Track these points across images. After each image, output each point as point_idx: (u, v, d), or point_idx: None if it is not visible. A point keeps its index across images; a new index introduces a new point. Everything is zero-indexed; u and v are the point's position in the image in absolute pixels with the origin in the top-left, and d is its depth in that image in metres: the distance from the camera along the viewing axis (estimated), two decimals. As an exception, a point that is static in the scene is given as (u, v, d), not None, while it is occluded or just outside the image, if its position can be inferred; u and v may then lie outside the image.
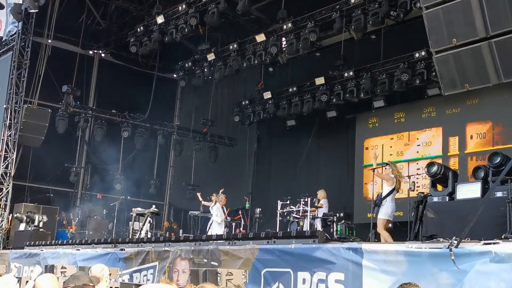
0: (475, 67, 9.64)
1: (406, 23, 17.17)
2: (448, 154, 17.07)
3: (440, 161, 16.41)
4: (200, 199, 17.96)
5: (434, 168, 10.94)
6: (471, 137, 16.63)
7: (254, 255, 9.91)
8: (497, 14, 9.13)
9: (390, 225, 14.46)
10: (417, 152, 17.90)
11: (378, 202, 12.46)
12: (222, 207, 16.75)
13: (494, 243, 7.15)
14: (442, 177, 10.85)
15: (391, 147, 18.59)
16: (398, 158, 18.13)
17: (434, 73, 15.99)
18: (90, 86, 24.26)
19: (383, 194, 12.43)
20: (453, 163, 16.44)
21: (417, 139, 17.99)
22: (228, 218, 16.97)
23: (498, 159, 9.92)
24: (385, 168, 12.78)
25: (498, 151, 10.51)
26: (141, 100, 23.00)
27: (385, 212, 12.27)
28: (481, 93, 15.41)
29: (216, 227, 16.48)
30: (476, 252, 7.12)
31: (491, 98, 15.82)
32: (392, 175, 12.49)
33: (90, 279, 6.01)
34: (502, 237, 7.87)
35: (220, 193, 16.84)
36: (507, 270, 6.79)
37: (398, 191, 12.78)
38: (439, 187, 11.09)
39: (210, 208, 17.19)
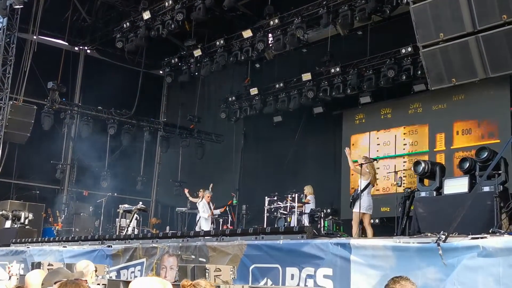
0: (462, 62, 9.68)
1: (393, 19, 17.21)
2: (435, 150, 17.12)
3: (426, 157, 16.51)
4: (188, 195, 18.00)
5: (421, 167, 10.94)
6: (458, 133, 16.69)
7: (242, 251, 9.90)
8: (485, 8, 9.16)
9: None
10: (404, 148, 17.94)
11: (355, 197, 12.54)
12: (208, 203, 16.79)
13: (481, 238, 7.18)
14: (430, 174, 10.88)
15: (378, 144, 18.64)
16: (385, 154, 18.19)
17: (420, 71, 16.06)
18: (76, 83, 24.12)
19: (360, 189, 12.52)
20: (440, 159, 16.49)
21: (404, 134, 18.04)
22: (217, 211, 17.01)
23: (485, 154, 9.97)
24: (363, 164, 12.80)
25: (485, 146, 10.55)
26: (127, 96, 22.92)
27: (361, 205, 12.34)
28: (467, 89, 15.49)
29: (203, 222, 16.53)
30: (464, 247, 7.14)
31: (478, 94, 15.91)
32: (367, 170, 12.56)
33: (71, 274, 5.95)
34: (490, 231, 7.90)
35: (209, 188, 16.93)
36: (494, 264, 6.82)
37: (373, 186, 12.89)
38: (426, 182, 11.13)
39: (197, 204, 17.20)
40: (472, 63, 9.47)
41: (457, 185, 10.12)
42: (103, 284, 8.44)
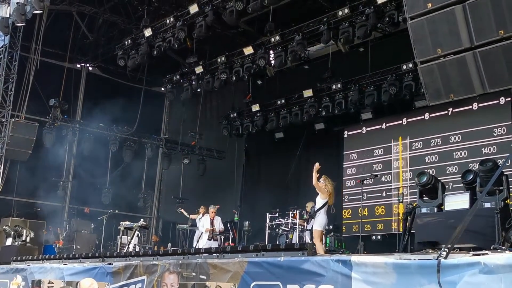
0: (459, 77, 9.68)
1: (394, 35, 17.26)
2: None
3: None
4: (185, 213, 17.98)
5: (425, 178, 10.88)
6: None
7: (243, 268, 9.84)
8: (482, 24, 9.18)
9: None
10: (405, 163, 17.88)
11: (312, 214, 12.45)
12: (212, 219, 16.69)
13: (483, 254, 7.13)
14: (432, 187, 10.81)
15: (379, 159, 18.58)
16: (386, 169, 18.13)
17: (421, 88, 16.03)
18: (78, 100, 24.19)
19: (317, 207, 12.41)
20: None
21: (405, 149, 17.99)
22: (217, 232, 16.93)
23: (491, 163, 9.97)
24: (320, 182, 12.61)
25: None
26: (129, 113, 22.91)
27: (319, 223, 12.25)
28: (468, 103, 15.51)
29: (205, 237, 16.47)
30: (465, 263, 7.09)
31: (479, 108, 15.91)
32: (326, 189, 12.43)
33: None
34: (491, 248, 7.85)
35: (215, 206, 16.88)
36: (496, 281, 6.77)
37: (330, 206, 12.77)
38: (427, 198, 11.06)
39: (197, 220, 17.16)
40: (469, 79, 9.47)
41: (458, 201, 10.08)
42: (103, 302, 8.43)
